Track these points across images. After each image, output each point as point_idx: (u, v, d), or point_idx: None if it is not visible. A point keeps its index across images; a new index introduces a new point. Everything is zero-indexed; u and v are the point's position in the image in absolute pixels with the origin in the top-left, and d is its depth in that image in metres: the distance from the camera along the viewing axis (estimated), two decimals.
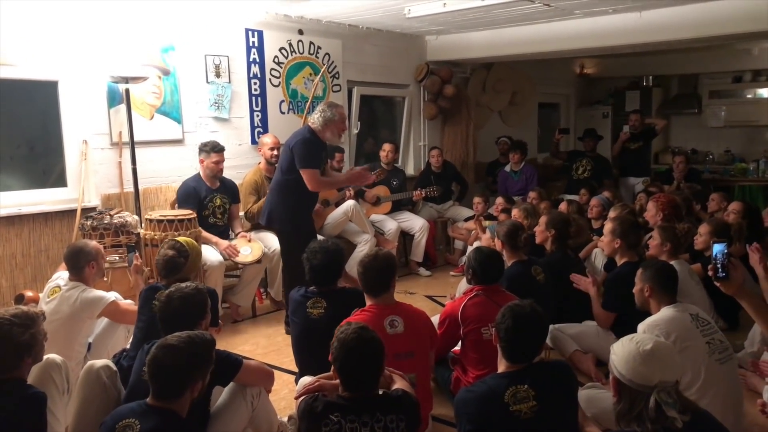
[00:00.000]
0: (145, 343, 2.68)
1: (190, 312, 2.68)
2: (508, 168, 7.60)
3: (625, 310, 3.70)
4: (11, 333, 2.36)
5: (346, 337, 2.19)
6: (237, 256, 4.81)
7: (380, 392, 2.26)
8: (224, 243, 4.84)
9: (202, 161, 4.94)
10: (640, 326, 2.86)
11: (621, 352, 1.97)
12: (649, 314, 3.73)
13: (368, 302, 3.02)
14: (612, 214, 5.00)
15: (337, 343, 2.20)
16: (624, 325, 3.56)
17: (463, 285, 4.73)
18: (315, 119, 4.49)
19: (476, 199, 6.70)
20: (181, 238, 3.51)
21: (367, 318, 2.89)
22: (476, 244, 5.13)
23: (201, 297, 2.76)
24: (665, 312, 2.89)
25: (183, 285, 2.80)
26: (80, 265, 3.53)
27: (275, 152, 5.28)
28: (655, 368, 1.88)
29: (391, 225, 6.22)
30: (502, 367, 2.34)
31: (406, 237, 6.67)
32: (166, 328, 2.61)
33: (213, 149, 4.94)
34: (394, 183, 6.52)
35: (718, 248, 2.56)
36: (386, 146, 6.54)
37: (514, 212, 5.29)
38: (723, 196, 5.97)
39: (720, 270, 2.53)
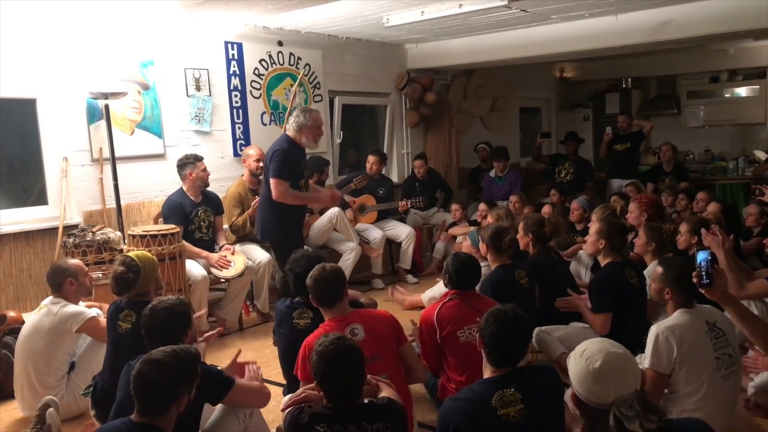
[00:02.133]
0: (131, 359, 2.65)
1: (175, 323, 2.66)
2: (492, 173, 7.64)
3: (615, 309, 3.74)
4: None
5: (324, 349, 2.18)
6: (229, 267, 4.79)
7: (366, 401, 2.26)
8: (214, 257, 4.83)
9: (190, 174, 4.90)
10: (654, 328, 2.79)
11: (574, 369, 1.91)
12: (641, 311, 3.78)
13: (325, 317, 3.01)
14: (595, 215, 5.03)
15: (316, 357, 2.19)
16: (619, 331, 3.59)
17: (427, 295, 4.80)
18: (290, 126, 4.51)
19: (454, 206, 6.71)
20: (133, 253, 3.46)
21: (327, 332, 2.88)
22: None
23: (185, 308, 2.75)
24: (683, 317, 2.80)
25: (166, 297, 2.78)
26: (58, 281, 3.53)
27: (261, 164, 5.27)
28: (609, 385, 1.82)
29: (376, 234, 6.22)
30: (487, 372, 2.33)
31: (392, 245, 6.67)
32: (151, 341, 2.58)
33: (197, 159, 4.94)
34: (381, 192, 6.52)
35: (702, 256, 2.58)
36: (370, 158, 6.51)
37: (489, 217, 5.31)
38: (709, 195, 6.04)
39: (704, 277, 2.56)
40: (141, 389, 2.12)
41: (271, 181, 4.37)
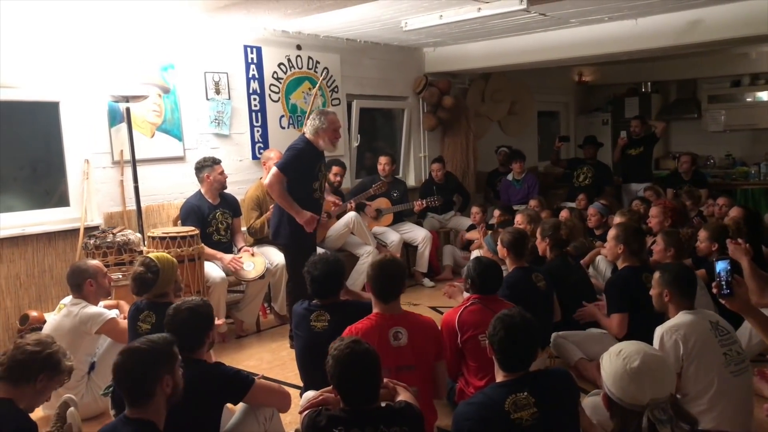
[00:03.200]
0: None
1: (198, 323, 2.68)
2: (510, 177, 7.62)
3: (629, 310, 3.72)
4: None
5: (339, 354, 2.18)
6: (241, 268, 4.82)
7: (383, 404, 2.26)
8: (228, 257, 4.86)
9: (207, 177, 4.94)
10: (659, 329, 2.84)
11: (609, 368, 1.90)
12: (658, 316, 3.77)
13: (375, 308, 2.99)
14: (617, 219, 5.00)
15: (331, 361, 2.19)
16: (633, 337, 3.57)
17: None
18: (307, 129, 4.54)
19: (474, 209, 6.70)
20: (153, 254, 3.50)
21: (372, 326, 2.89)
22: (476, 253, 5.14)
23: (208, 309, 2.78)
24: (685, 316, 2.87)
25: (190, 298, 2.82)
26: (78, 282, 3.58)
27: None
28: (645, 386, 1.81)
29: (393, 237, 6.23)
30: (500, 377, 2.34)
31: (408, 248, 6.67)
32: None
33: (214, 162, 4.98)
34: (395, 195, 6.53)
35: (721, 266, 2.55)
36: (382, 159, 6.53)
37: (518, 218, 5.31)
38: (729, 200, 5.96)
39: (724, 287, 2.53)
40: (121, 378, 2.18)
41: (273, 169, 4.41)
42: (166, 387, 2.20)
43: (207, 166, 4.96)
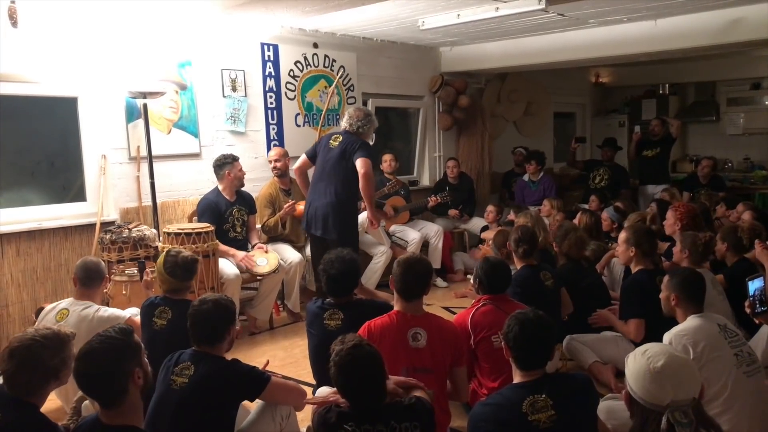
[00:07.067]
0: (170, 354, 2.68)
1: (222, 315, 2.68)
2: (526, 177, 7.57)
3: (643, 315, 3.69)
4: (41, 356, 2.26)
5: (341, 360, 2.16)
6: (254, 266, 4.84)
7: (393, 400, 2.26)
8: (241, 254, 4.86)
9: (228, 174, 4.95)
10: (666, 336, 2.82)
11: (633, 367, 1.89)
12: (673, 320, 3.74)
13: (396, 306, 2.97)
14: (628, 223, 4.97)
15: (334, 368, 2.17)
16: (649, 341, 3.54)
17: None
18: (364, 129, 4.80)
19: (489, 208, 6.68)
20: (173, 249, 3.54)
21: (391, 324, 2.87)
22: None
23: (232, 304, 2.79)
24: (692, 321, 2.85)
25: (211, 294, 2.83)
26: (97, 278, 3.56)
27: (278, 164, 5.40)
28: (667, 387, 1.80)
29: (413, 235, 6.23)
30: (517, 378, 2.32)
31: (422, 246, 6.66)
32: (197, 331, 2.63)
33: (234, 159, 5.01)
34: (402, 193, 6.53)
35: (756, 284, 2.53)
36: (386, 156, 6.50)
37: (518, 219, 5.27)
38: (747, 205, 5.89)
39: (758, 305, 2.51)
40: (86, 386, 2.06)
41: (362, 159, 4.60)
42: (138, 379, 2.08)
43: (228, 163, 4.97)
